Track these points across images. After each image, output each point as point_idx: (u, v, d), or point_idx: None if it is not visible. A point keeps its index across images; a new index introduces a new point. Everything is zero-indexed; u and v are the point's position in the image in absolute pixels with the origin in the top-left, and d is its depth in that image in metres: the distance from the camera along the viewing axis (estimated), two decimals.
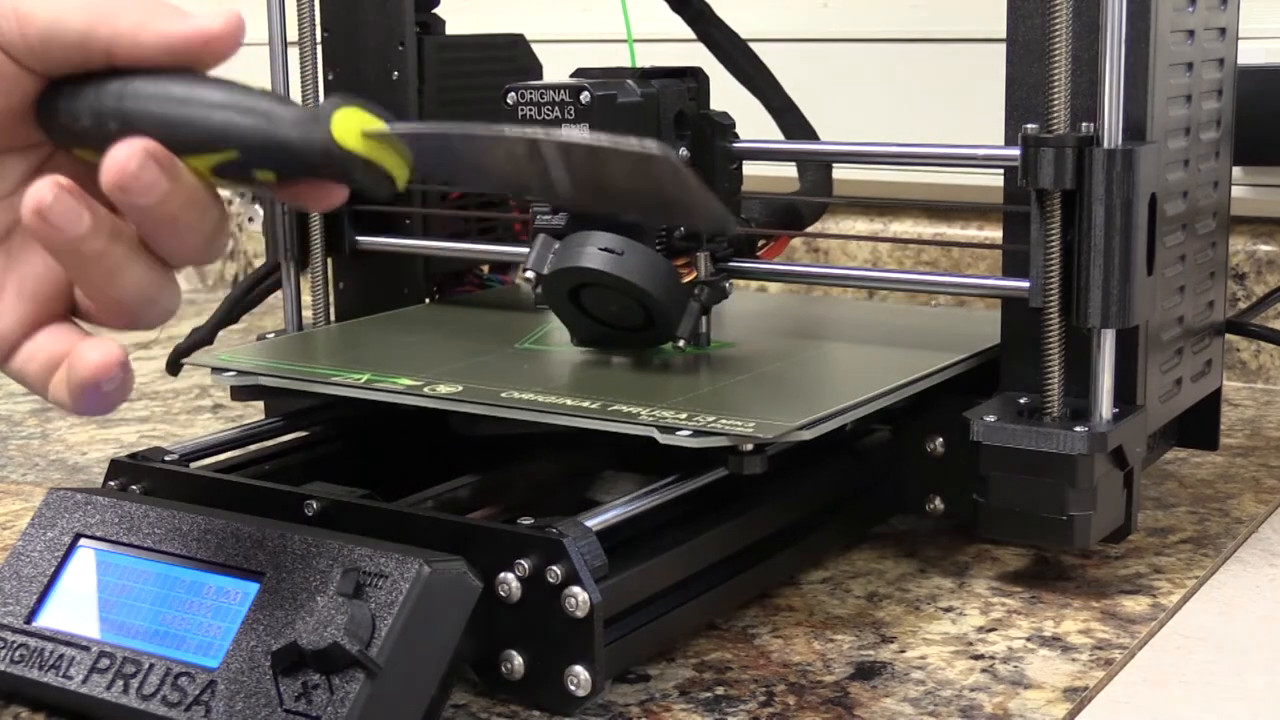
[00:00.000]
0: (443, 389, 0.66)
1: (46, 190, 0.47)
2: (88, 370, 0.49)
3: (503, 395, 0.65)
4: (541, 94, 0.69)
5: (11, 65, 0.49)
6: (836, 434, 0.64)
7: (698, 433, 0.59)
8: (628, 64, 0.74)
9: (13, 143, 0.51)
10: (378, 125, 0.48)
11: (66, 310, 0.52)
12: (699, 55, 0.83)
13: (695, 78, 0.74)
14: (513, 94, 0.70)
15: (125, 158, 0.46)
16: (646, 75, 0.72)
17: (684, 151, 0.72)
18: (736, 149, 0.74)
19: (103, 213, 0.48)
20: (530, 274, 0.71)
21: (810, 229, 0.85)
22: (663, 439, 0.60)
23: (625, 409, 0.62)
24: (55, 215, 0.47)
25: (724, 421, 0.60)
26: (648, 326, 0.71)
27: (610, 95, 0.69)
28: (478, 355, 0.73)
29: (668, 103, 0.72)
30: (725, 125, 0.74)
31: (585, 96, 0.68)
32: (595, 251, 0.69)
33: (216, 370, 0.72)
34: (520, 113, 0.70)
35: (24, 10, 0.48)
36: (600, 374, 0.71)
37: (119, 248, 0.48)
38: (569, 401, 0.64)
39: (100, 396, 0.50)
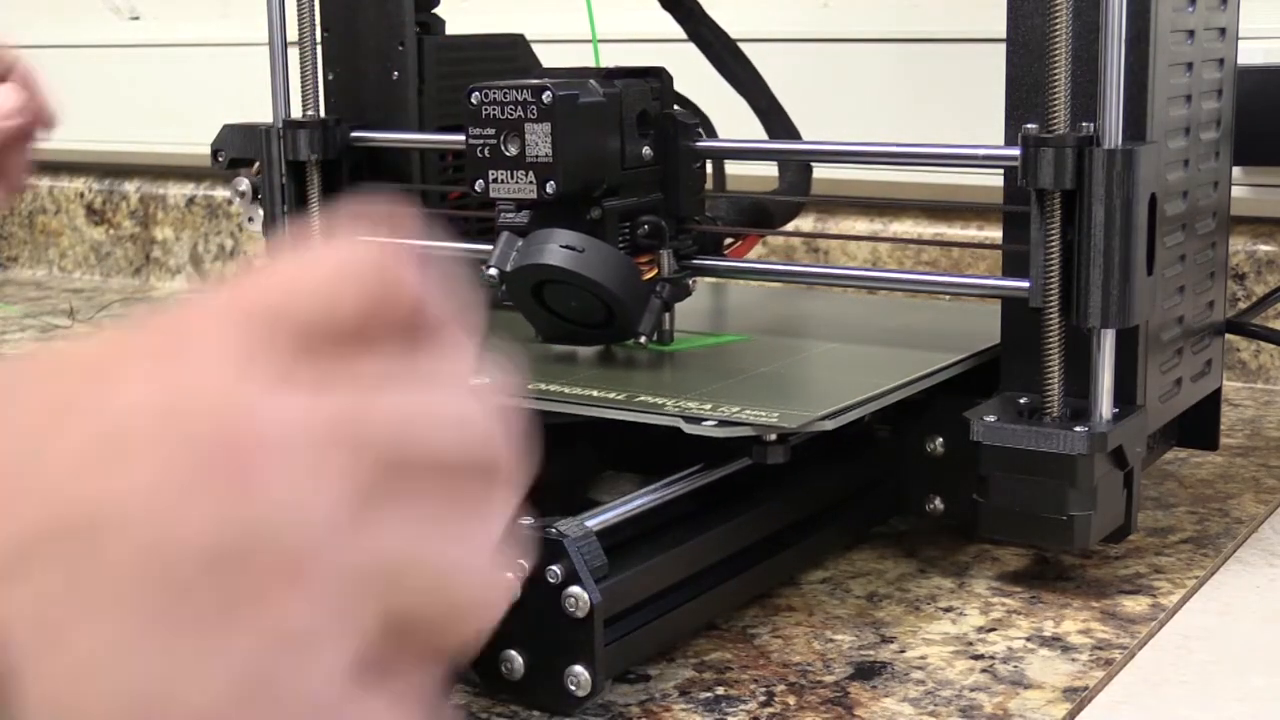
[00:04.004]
0: None
1: None
2: None
3: (529, 387, 0.65)
4: (504, 93, 0.70)
5: None
6: (836, 434, 0.64)
7: (723, 423, 0.60)
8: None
9: None
10: None
11: None
12: (691, 55, 0.83)
13: (659, 77, 0.74)
14: (476, 94, 0.71)
15: None
16: (610, 75, 0.72)
17: (647, 150, 0.73)
18: (700, 148, 0.74)
19: None
20: (494, 271, 0.71)
21: (810, 229, 0.85)
22: (688, 429, 0.60)
23: (651, 399, 0.63)
24: None
25: (749, 412, 0.61)
26: (608, 323, 0.72)
27: (572, 95, 0.69)
28: (499, 349, 0.73)
29: (630, 102, 0.72)
30: (689, 125, 0.74)
31: (547, 96, 0.69)
32: (557, 249, 0.69)
33: None
34: (484, 112, 0.70)
35: None
36: (620, 368, 0.72)
37: None
38: (595, 393, 0.64)
39: None
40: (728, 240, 0.80)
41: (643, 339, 0.71)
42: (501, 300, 0.73)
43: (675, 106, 0.75)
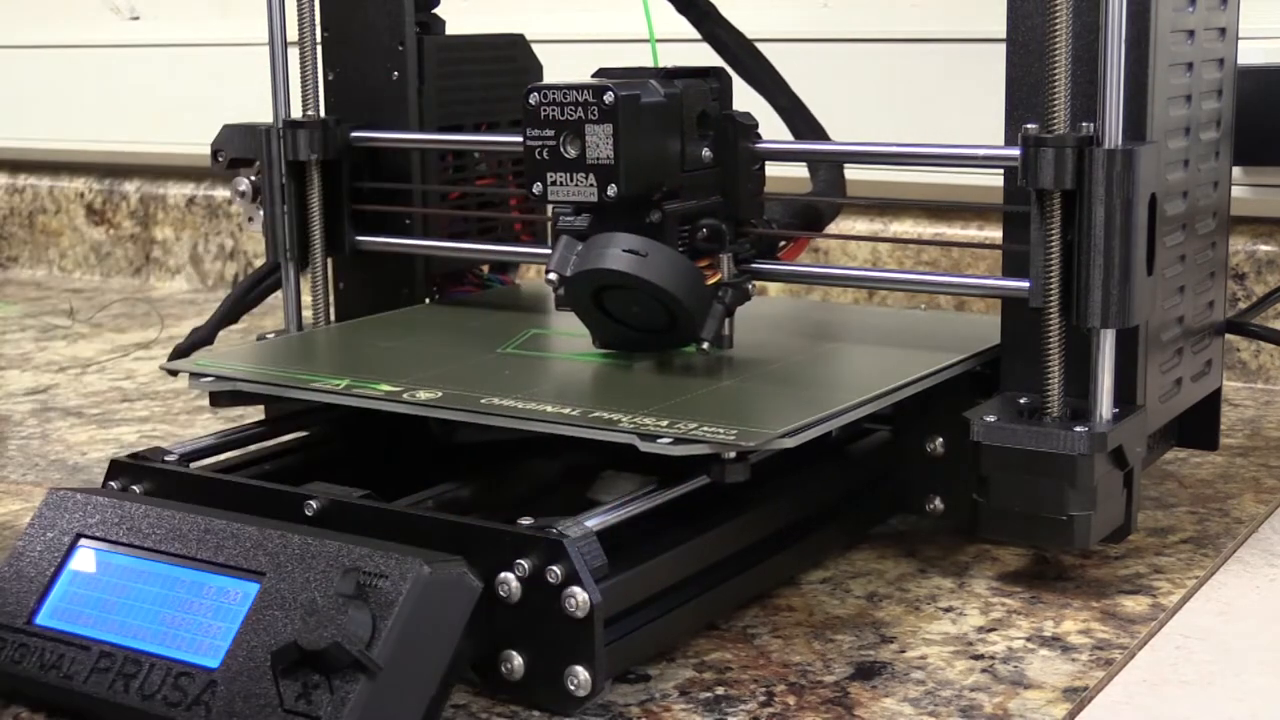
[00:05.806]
0: (422, 395, 0.65)
1: None
2: None
3: (482, 401, 0.64)
4: (564, 94, 0.68)
5: None
6: (833, 436, 0.64)
7: (679, 440, 0.58)
8: (638, 65, 0.74)
9: None
10: None
11: None
12: (703, 55, 0.83)
13: (718, 78, 0.73)
14: (535, 94, 0.69)
15: None
16: (669, 75, 0.71)
17: (707, 152, 0.72)
18: (759, 149, 0.73)
19: None
20: (554, 276, 0.70)
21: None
22: (643, 447, 0.59)
23: (606, 416, 0.61)
24: None
25: (705, 429, 0.59)
26: (670, 328, 0.70)
27: (634, 95, 0.68)
28: (465, 359, 0.72)
29: (691, 103, 0.71)
30: (748, 126, 0.73)
31: (609, 97, 0.67)
32: (619, 253, 0.68)
33: (195, 375, 0.70)
34: (543, 113, 0.69)
35: None
36: (584, 380, 0.70)
37: None
38: (549, 409, 0.62)
39: None
40: (780, 243, 0.79)
41: (705, 345, 0.70)
42: (559, 305, 0.71)
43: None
